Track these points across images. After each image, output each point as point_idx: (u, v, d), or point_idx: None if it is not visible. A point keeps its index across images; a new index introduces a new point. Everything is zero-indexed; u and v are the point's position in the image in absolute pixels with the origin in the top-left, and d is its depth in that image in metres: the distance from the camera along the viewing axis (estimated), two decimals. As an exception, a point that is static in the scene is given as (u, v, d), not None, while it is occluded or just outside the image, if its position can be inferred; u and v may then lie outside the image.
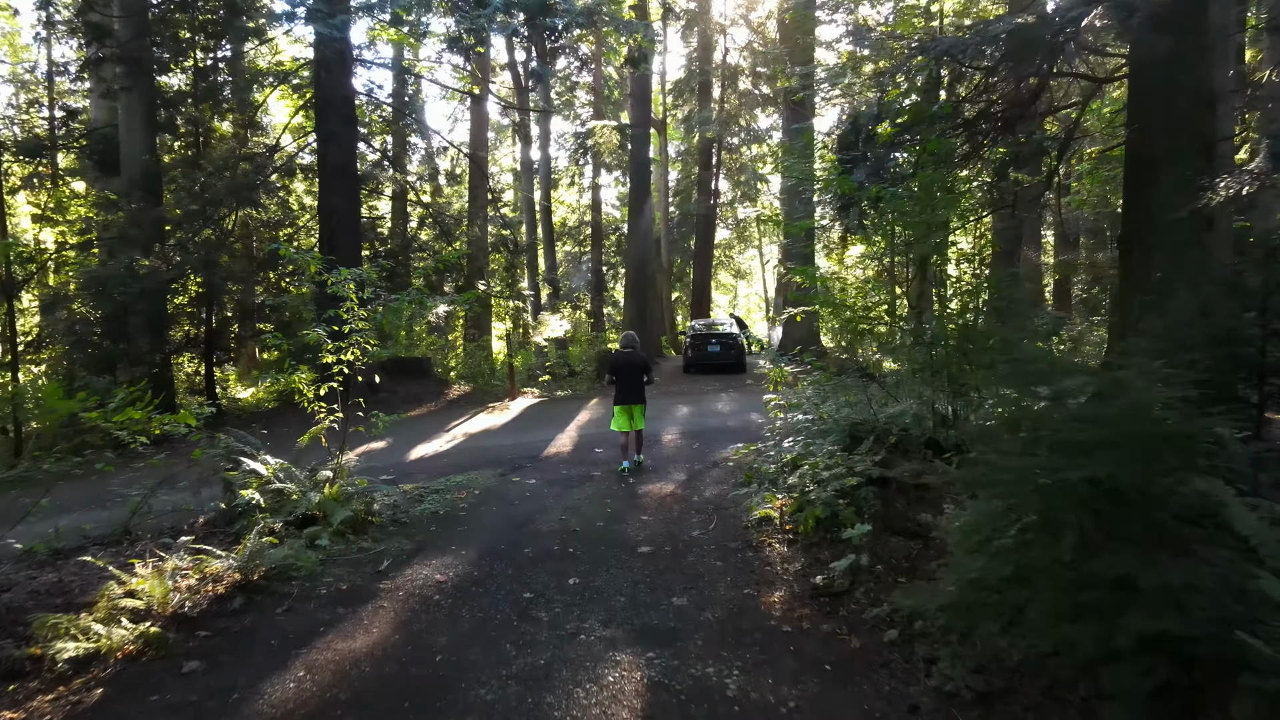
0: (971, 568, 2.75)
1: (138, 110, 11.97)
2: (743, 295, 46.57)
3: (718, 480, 7.35)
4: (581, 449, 9.04)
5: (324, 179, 12.31)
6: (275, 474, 5.76)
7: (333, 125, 11.93)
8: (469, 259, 17.25)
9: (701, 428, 10.30)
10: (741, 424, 10.60)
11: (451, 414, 12.14)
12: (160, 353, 11.74)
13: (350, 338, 6.15)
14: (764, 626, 4.04)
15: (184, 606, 4.18)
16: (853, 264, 27.09)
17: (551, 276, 21.09)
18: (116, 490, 5.75)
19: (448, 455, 8.92)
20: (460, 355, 19.35)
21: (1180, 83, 5.78)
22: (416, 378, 14.18)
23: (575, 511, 6.32)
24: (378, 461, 8.53)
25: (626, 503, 6.61)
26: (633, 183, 20.51)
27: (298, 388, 5.84)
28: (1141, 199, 6.11)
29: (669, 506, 6.46)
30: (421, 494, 6.97)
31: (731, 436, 9.56)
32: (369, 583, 4.75)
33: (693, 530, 5.76)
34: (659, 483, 7.31)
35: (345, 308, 6.16)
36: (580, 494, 6.93)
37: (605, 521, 6.03)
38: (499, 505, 6.61)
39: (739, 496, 6.58)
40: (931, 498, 4.79)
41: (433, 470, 8.10)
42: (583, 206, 37.73)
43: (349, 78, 12.24)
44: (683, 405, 12.67)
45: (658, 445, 9.19)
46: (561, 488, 7.17)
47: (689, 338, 18.77)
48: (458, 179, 25.91)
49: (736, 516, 6.04)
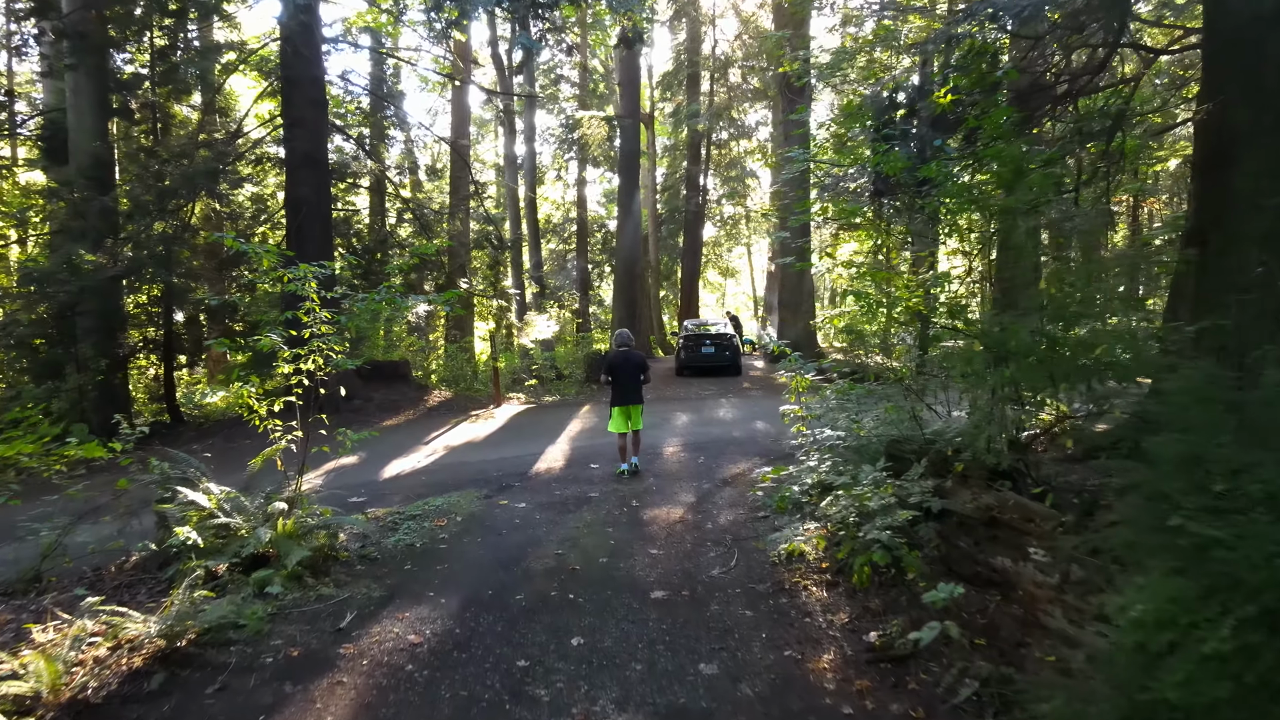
0: (1162, 682, 1.93)
1: (86, 91, 10.93)
2: (730, 294, 45.88)
3: (731, 502, 6.54)
4: (575, 464, 8.20)
5: (291, 167, 11.32)
6: (220, 505, 4.87)
7: (300, 109, 10.95)
8: (450, 255, 16.31)
9: (704, 438, 9.49)
10: (747, 434, 9.80)
11: (431, 423, 11.22)
12: (111, 357, 10.74)
13: (311, 343, 5.26)
14: (818, 706, 3.24)
15: (86, 689, 3.30)
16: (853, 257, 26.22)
17: (538, 274, 20.17)
18: (27, 524, 4.82)
19: (427, 472, 8.04)
20: (442, 358, 18.37)
21: (1269, 51, 5.04)
22: (393, 383, 13.20)
23: (573, 544, 5.49)
24: (348, 480, 7.64)
25: (631, 531, 5.79)
26: (622, 176, 19.64)
27: (246, 403, 4.95)
28: (1218, 181, 5.37)
29: (680, 536, 5.64)
30: (396, 521, 6.10)
31: (738, 449, 8.76)
32: (327, 646, 3.88)
33: (712, 568, 4.95)
34: (665, 505, 6.49)
35: (305, 308, 5.28)
36: (577, 520, 6.09)
37: (609, 556, 5.20)
38: (485, 536, 5.76)
39: (760, 524, 5.78)
40: (1007, 537, 4.00)
41: (409, 491, 7.22)
42: (567, 203, 36.82)
43: (318, 57, 11.26)
44: (681, 412, 11.85)
45: (659, 459, 8.37)
46: (555, 513, 6.33)
47: (682, 338, 17.96)
48: (439, 174, 24.91)
49: (760, 549, 5.25)
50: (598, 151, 25.60)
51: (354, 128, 18.98)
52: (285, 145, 11.55)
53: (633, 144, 19.48)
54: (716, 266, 37.22)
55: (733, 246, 38.16)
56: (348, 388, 11.60)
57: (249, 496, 5.26)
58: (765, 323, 31.42)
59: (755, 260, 41.57)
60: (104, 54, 11.01)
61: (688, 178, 29.08)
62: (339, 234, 16.67)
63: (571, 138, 23.84)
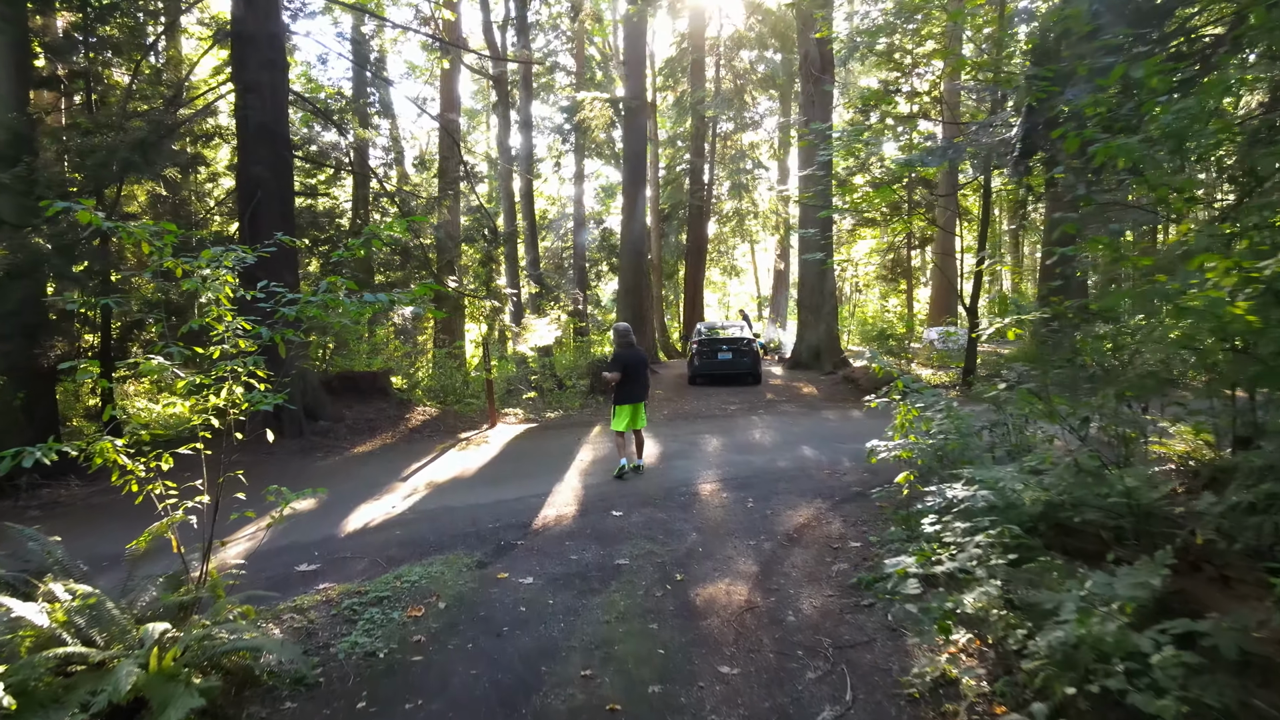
0: None
1: (2, 56, 9.18)
2: (733, 294, 44.26)
3: (810, 573, 4.87)
4: (592, 510, 6.48)
5: (244, 141, 9.50)
6: (69, 620, 3.17)
7: (254, 72, 9.16)
8: (439, 250, 14.54)
9: (745, 471, 7.81)
10: (795, 464, 8.13)
11: (413, 450, 9.41)
12: (29, 369, 8.98)
13: (217, 367, 3.56)
14: None
15: None
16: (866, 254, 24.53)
17: (535, 272, 18.42)
18: None
19: (403, 523, 6.29)
20: (429, 366, 16.55)
21: None
22: (369, 398, 11.37)
23: (605, 655, 3.80)
24: (300, 535, 5.92)
25: (684, 627, 4.10)
26: (627, 165, 17.91)
27: (111, 461, 3.25)
28: None
29: (755, 638, 3.96)
30: (354, 609, 4.39)
31: (791, 487, 7.10)
32: None
33: (818, 707, 3.28)
34: (721, 578, 4.81)
35: (212, 314, 3.57)
36: (605, 607, 4.40)
37: (661, 681, 3.52)
38: (478, 637, 4.05)
39: (864, 618, 4.12)
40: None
41: (379, 551, 5.51)
42: (563, 198, 35.11)
43: (276, 9, 9.44)
44: (708, 434, 10.12)
45: (697, 500, 6.69)
46: (574, 593, 4.63)
47: (695, 343, 16.27)
48: (427, 165, 23.13)
49: (879, 665, 3.59)
50: (600, 137, 23.87)
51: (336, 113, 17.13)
52: (236, 115, 9.75)
53: (640, 128, 17.74)
54: (719, 265, 35.49)
55: (736, 244, 36.51)
56: (314, 405, 9.83)
57: (127, 596, 3.56)
58: (774, 323, 29.75)
59: (759, 259, 39.98)
60: (22, 7, 9.23)
61: (691, 171, 27.40)
62: (318, 228, 14.91)
63: (570, 125, 22.07)
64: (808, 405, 12.92)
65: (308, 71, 22.31)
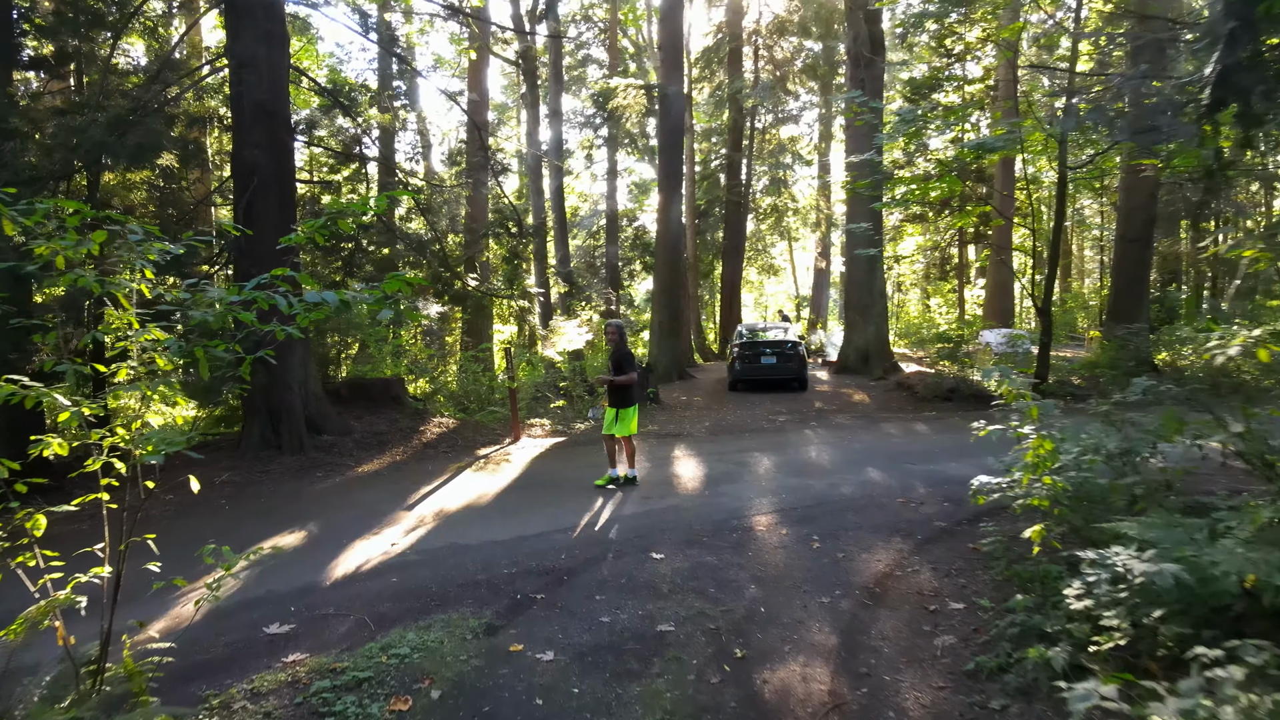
0: None
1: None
2: (770, 293, 42.95)
3: (906, 648, 3.77)
4: (627, 550, 5.42)
5: (239, 122, 8.59)
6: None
7: (250, 44, 8.25)
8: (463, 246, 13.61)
9: (806, 499, 6.69)
10: (860, 489, 6.99)
11: (424, 471, 8.37)
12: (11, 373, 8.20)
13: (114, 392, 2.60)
14: None
15: None
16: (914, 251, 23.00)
17: (565, 271, 17.40)
18: None
19: (402, 567, 5.28)
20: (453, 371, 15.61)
21: None
22: (381, 407, 10.41)
23: (649, 791, 2.75)
24: (277, 582, 4.97)
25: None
26: (663, 156, 16.80)
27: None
28: None
29: (855, 764, 2.87)
30: (326, 695, 3.40)
31: (861, 519, 5.98)
32: None
33: None
34: (793, 656, 3.73)
35: (111, 325, 2.61)
36: (646, 700, 3.34)
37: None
38: (477, 752, 3.03)
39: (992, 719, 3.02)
40: None
41: (367, 606, 4.52)
42: (594, 196, 34.20)
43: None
44: (758, 452, 8.95)
45: (752, 539, 5.60)
46: (607, 677, 3.57)
47: (737, 346, 15.15)
48: (455, 162, 22.30)
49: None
50: (633, 127, 22.88)
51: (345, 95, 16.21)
52: (230, 94, 8.89)
53: (677, 115, 16.61)
54: (756, 264, 34.18)
55: (774, 242, 35.18)
56: (316, 417, 8.91)
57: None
58: (818, 325, 28.41)
59: (798, 258, 38.62)
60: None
61: (728, 165, 26.23)
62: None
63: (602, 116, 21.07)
64: (863, 416, 11.71)
65: (329, 62, 21.76)
